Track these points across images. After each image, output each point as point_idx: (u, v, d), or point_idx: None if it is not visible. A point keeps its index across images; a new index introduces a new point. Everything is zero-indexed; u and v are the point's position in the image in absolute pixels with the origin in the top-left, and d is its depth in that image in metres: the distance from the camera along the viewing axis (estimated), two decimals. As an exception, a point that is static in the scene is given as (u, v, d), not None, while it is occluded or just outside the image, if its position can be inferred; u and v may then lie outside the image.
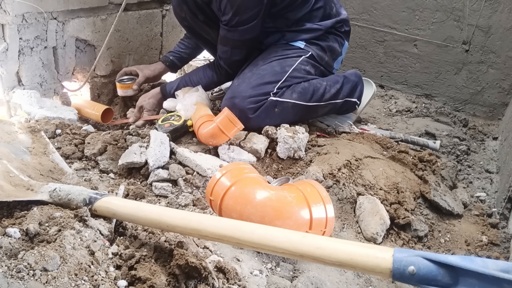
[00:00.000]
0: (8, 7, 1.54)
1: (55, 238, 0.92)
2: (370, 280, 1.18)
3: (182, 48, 2.07)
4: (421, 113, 2.30)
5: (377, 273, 0.76)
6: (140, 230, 1.09)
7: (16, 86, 1.67)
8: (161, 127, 1.64)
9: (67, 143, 1.52)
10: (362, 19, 2.57)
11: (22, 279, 0.79)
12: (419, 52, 2.45)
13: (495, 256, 1.35)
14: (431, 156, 1.72)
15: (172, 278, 0.93)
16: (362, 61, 2.64)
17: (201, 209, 1.31)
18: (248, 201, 1.13)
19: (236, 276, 1.03)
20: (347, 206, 1.40)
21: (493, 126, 2.27)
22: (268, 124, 1.69)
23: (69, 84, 1.88)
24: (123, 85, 1.98)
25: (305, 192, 1.14)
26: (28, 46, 1.66)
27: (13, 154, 1.30)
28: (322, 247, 0.82)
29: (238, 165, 1.30)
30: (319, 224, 1.12)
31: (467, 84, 2.36)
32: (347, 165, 1.52)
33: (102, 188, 1.31)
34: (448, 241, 1.41)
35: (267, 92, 1.69)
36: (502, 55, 2.22)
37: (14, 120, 1.59)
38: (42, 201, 1.07)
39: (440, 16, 2.33)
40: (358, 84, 1.93)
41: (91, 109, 1.84)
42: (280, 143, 1.63)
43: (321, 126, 1.93)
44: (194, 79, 1.89)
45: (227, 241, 0.92)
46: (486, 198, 1.67)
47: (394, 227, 1.38)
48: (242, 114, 1.62)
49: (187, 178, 1.41)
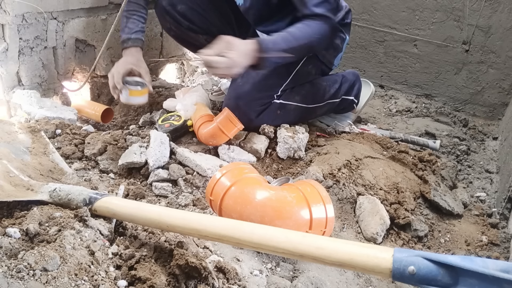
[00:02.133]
0: (8, 7, 1.54)
1: (55, 238, 0.92)
2: (370, 280, 1.18)
3: (143, 22, 1.79)
4: (421, 113, 2.30)
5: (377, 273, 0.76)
6: (140, 230, 1.09)
7: (16, 86, 1.67)
8: (161, 127, 1.64)
9: (67, 143, 1.52)
10: (362, 19, 2.57)
11: (22, 279, 0.79)
12: (419, 52, 2.45)
13: (495, 256, 1.35)
14: (431, 156, 1.72)
15: (172, 278, 0.93)
16: (362, 61, 2.64)
17: (201, 209, 1.31)
18: (248, 201, 1.13)
19: (236, 276, 1.03)
20: (347, 206, 1.40)
21: (493, 126, 2.27)
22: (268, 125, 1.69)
23: (69, 84, 1.87)
24: (137, 91, 1.61)
25: (305, 192, 1.14)
26: (28, 46, 1.66)
27: (13, 154, 1.30)
28: (322, 247, 0.82)
29: (238, 165, 1.30)
30: (319, 224, 1.12)
31: (467, 84, 2.36)
32: (347, 165, 1.52)
33: (102, 188, 1.31)
34: (448, 241, 1.41)
35: (271, 94, 1.68)
36: (502, 55, 2.22)
37: (14, 120, 1.59)
38: (42, 201, 1.07)
39: (440, 16, 2.33)
40: (355, 83, 1.94)
41: (91, 109, 1.83)
42: (280, 143, 1.63)
43: (321, 126, 1.93)
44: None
45: (227, 241, 0.92)
46: (486, 198, 1.67)
47: (394, 227, 1.38)
48: (245, 116, 1.61)
49: (187, 178, 1.41)
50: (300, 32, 1.53)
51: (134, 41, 1.71)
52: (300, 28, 1.54)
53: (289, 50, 1.51)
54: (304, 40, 1.54)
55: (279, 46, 1.49)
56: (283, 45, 1.50)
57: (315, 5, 1.55)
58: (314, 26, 1.55)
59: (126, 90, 1.58)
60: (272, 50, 1.47)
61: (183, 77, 2.59)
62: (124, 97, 1.59)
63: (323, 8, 1.57)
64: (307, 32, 1.54)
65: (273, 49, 1.47)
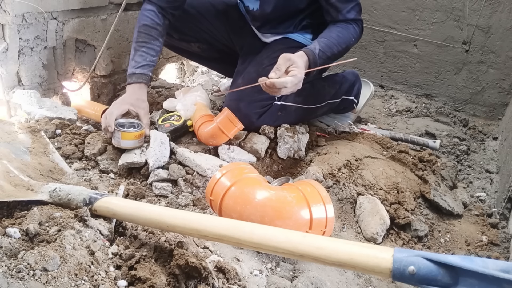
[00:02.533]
0: (8, 7, 1.54)
1: (55, 238, 0.92)
2: (370, 280, 1.18)
3: (153, 55, 1.66)
4: (421, 113, 2.30)
5: (377, 273, 0.76)
6: (140, 230, 1.09)
7: (16, 86, 1.67)
8: (161, 127, 1.64)
9: (67, 143, 1.52)
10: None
11: (22, 279, 0.79)
12: (419, 52, 2.45)
13: (495, 256, 1.35)
14: (431, 156, 1.72)
15: (172, 278, 0.93)
16: (362, 61, 2.64)
17: (201, 209, 1.31)
18: (248, 201, 1.13)
19: (236, 276, 1.03)
20: (347, 206, 1.40)
21: (493, 126, 2.27)
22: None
23: (69, 84, 1.87)
24: (130, 134, 1.47)
25: (305, 192, 1.14)
26: (28, 46, 1.66)
27: (13, 154, 1.30)
28: (322, 247, 0.82)
29: (238, 165, 1.30)
30: (319, 224, 1.12)
31: (467, 84, 2.36)
32: (347, 165, 1.52)
33: (102, 188, 1.31)
34: (448, 241, 1.41)
35: (273, 96, 1.68)
36: (502, 55, 2.22)
37: (14, 120, 1.58)
38: (42, 201, 1.07)
39: (440, 16, 2.33)
40: (355, 83, 1.94)
41: (91, 109, 1.83)
42: (280, 143, 1.63)
43: (321, 126, 1.93)
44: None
45: (227, 241, 0.92)
46: (486, 198, 1.67)
47: (394, 227, 1.38)
48: (246, 118, 1.61)
49: (187, 178, 1.41)
50: (339, 38, 1.61)
51: (138, 76, 1.60)
52: (339, 33, 1.62)
53: (333, 56, 1.60)
54: (344, 44, 1.62)
55: (326, 54, 1.56)
56: (329, 53, 1.57)
57: (348, 11, 1.64)
58: (351, 29, 1.65)
59: (118, 133, 1.46)
60: (321, 59, 1.54)
61: (183, 77, 2.59)
62: (116, 140, 1.47)
63: (355, 11, 1.66)
64: (346, 36, 1.63)
65: (322, 57, 1.54)
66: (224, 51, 1.99)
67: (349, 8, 1.64)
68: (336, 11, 1.64)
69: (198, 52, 2.00)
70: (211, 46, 1.97)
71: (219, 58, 2.04)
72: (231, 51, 1.97)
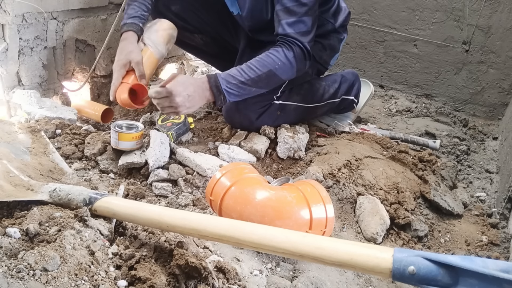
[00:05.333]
0: (8, 7, 1.54)
1: (55, 238, 0.92)
2: (370, 280, 1.18)
3: (144, 10, 1.68)
4: (421, 113, 2.30)
5: (377, 273, 0.76)
6: (140, 230, 1.09)
7: (16, 86, 1.67)
8: (162, 127, 1.63)
9: (67, 143, 1.52)
10: (362, 19, 2.57)
11: (22, 279, 0.79)
12: (419, 52, 2.45)
13: (495, 256, 1.35)
14: (431, 156, 1.72)
15: (172, 278, 0.93)
16: (362, 61, 2.64)
17: (201, 209, 1.31)
18: (248, 201, 1.13)
19: (236, 276, 1.03)
20: (347, 206, 1.40)
21: (493, 126, 2.27)
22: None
23: (69, 84, 1.87)
24: (128, 135, 1.47)
25: (305, 192, 1.14)
26: (28, 46, 1.66)
27: (13, 154, 1.30)
28: (322, 247, 0.82)
29: (238, 165, 1.30)
30: (319, 224, 1.12)
31: (467, 84, 2.36)
32: (347, 165, 1.52)
33: (102, 188, 1.31)
34: (448, 241, 1.41)
35: (271, 96, 1.67)
36: (502, 55, 2.22)
37: (14, 120, 1.58)
38: (42, 201, 1.07)
39: (440, 16, 2.33)
40: (355, 83, 1.94)
41: (91, 109, 1.83)
42: (280, 143, 1.63)
43: (321, 126, 1.93)
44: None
45: (227, 241, 0.92)
46: (486, 198, 1.67)
47: (394, 227, 1.38)
48: (246, 119, 1.61)
49: (187, 178, 1.41)
50: (258, 63, 1.50)
51: (129, 25, 1.62)
52: (259, 58, 1.51)
53: (248, 81, 1.49)
54: (264, 69, 1.50)
55: (236, 78, 1.48)
56: (240, 78, 1.48)
57: (289, 24, 1.52)
58: (276, 54, 1.51)
59: (116, 134, 1.45)
60: (228, 83, 1.47)
61: (183, 77, 2.58)
62: (113, 141, 1.47)
63: (295, 28, 1.52)
64: (266, 61, 1.50)
65: (229, 82, 1.47)
66: (226, 48, 1.99)
67: (290, 22, 1.51)
68: (277, 21, 1.54)
69: (201, 45, 1.99)
70: (214, 40, 1.97)
71: (221, 54, 2.03)
72: (233, 48, 1.96)
